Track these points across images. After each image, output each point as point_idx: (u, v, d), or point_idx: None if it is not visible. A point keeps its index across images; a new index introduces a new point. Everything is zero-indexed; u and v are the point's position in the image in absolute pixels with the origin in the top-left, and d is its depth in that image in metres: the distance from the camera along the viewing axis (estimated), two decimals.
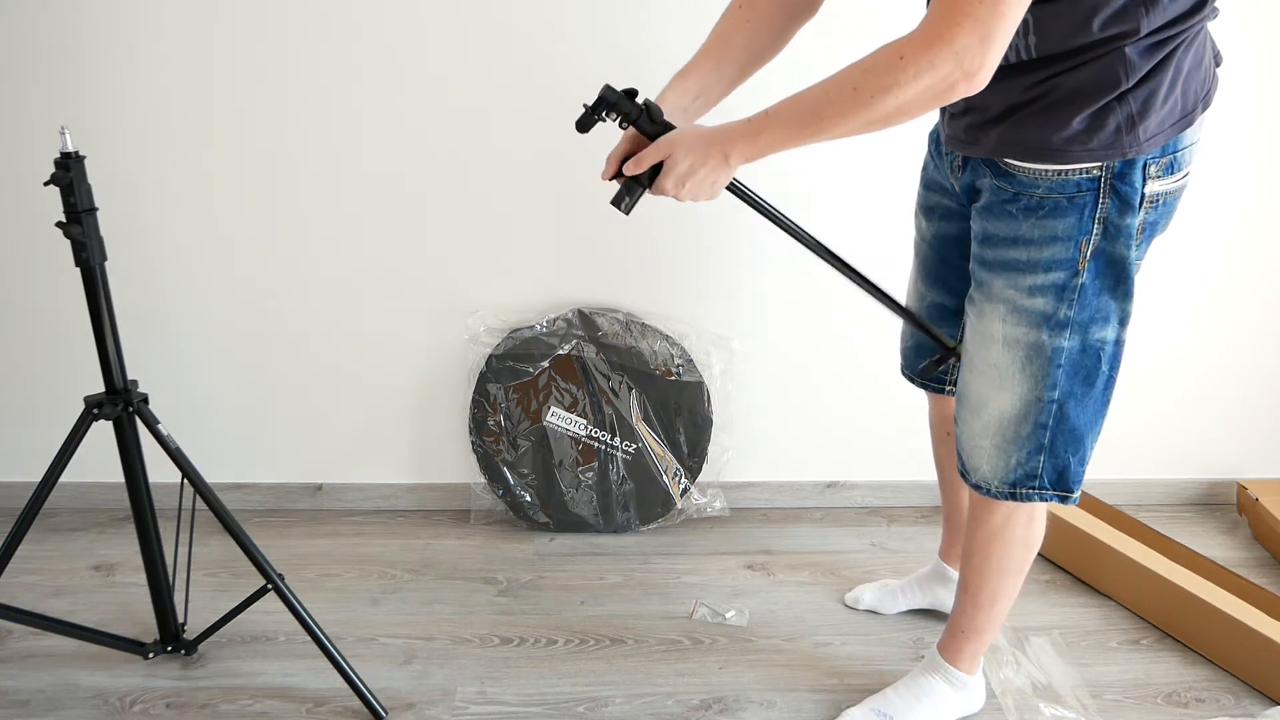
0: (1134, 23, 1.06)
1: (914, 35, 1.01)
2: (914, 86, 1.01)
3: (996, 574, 1.43)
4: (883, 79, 1.03)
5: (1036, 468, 1.29)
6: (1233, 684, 1.69)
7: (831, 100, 1.08)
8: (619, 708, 1.62)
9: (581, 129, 1.27)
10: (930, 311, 1.51)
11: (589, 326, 2.05)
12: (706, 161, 1.18)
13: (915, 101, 1.03)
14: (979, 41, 0.98)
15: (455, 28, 1.84)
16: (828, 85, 1.09)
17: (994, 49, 0.99)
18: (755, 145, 1.16)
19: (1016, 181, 1.20)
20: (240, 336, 2.06)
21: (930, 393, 1.61)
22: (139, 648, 1.61)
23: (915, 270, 1.53)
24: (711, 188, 1.21)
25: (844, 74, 1.07)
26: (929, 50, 0.99)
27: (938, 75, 1.00)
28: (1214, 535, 2.16)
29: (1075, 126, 1.12)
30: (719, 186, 1.21)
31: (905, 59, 1.01)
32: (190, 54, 1.85)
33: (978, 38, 0.97)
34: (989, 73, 1.01)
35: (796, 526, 2.19)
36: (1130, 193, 1.15)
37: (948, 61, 0.99)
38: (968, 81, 1.00)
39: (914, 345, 1.57)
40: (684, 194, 1.21)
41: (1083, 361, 1.23)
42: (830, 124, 1.09)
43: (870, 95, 1.04)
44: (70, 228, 1.32)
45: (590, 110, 1.25)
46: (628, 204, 1.26)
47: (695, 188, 1.20)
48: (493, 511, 2.18)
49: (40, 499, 1.44)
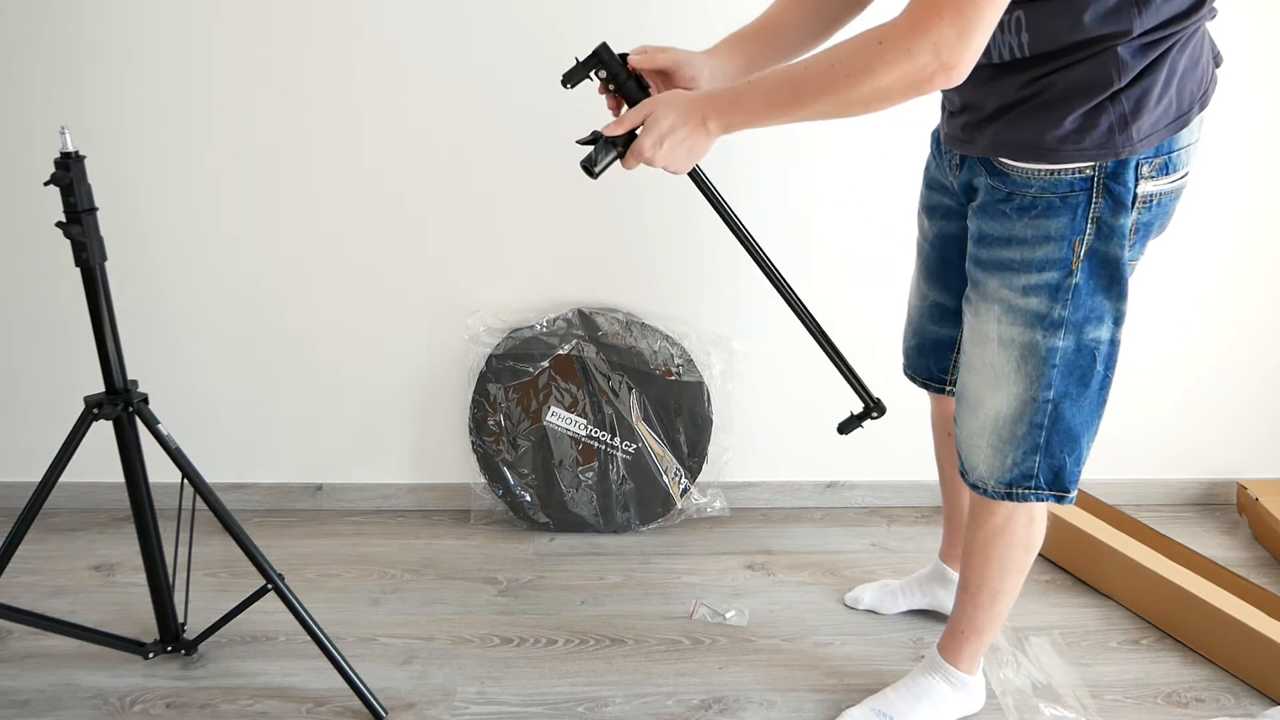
0: (1126, 23, 1.06)
1: (896, 22, 1.02)
2: (890, 73, 1.01)
3: (997, 574, 1.43)
4: (859, 62, 1.03)
5: (1032, 468, 1.29)
6: (1233, 684, 1.69)
7: (809, 77, 1.08)
8: (619, 708, 1.62)
9: (567, 83, 1.27)
10: (931, 310, 1.51)
11: (589, 326, 2.05)
12: (686, 122, 1.16)
13: (892, 88, 1.03)
14: (957, 35, 0.98)
15: (455, 28, 1.84)
16: (807, 62, 1.09)
17: (973, 43, 0.99)
18: (732, 113, 1.14)
19: (1010, 181, 1.20)
20: (240, 336, 2.06)
21: (932, 393, 1.61)
22: (139, 648, 1.61)
23: (918, 269, 1.53)
24: (688, 153, 1.19)
25: (825, 54, 1.08)
26: (907, 39, 1.00)
27: (914, 65, 1.00)
28: (1214, 535, 2.16)
29: (1068, 126, 1.12)
30: (695, 154, 1.19)
31: (884, 44, 1.01)
32: (190, 54, 1.85)
33: (956, 31, 0.98)
34: (967, 67, 1.01)
35: (796, 526, 2.19)
36: (1123, 192, 1.15)
37: (925, 52, 0.99)
38: (945, 74, 1.00)
39: (916, 345, 1.57)
40: (659, 156, 1.19)
41: (1078, 361, 1.23)
42: (807, 101, 1.08)
43: (846, 75, 1.04)
44: (70, 228, 1.32)
45: (581, 65, 1.25)
46: (601, 165, 1.22)
47: (672, 150, 1.18)
48: (493, 511, 2.18)
49: (40, 499, 1.44)
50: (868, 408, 1.51)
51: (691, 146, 1.18)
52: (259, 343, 2.07)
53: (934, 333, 1.53)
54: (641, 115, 1.19)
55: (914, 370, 1.60)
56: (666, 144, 1.18)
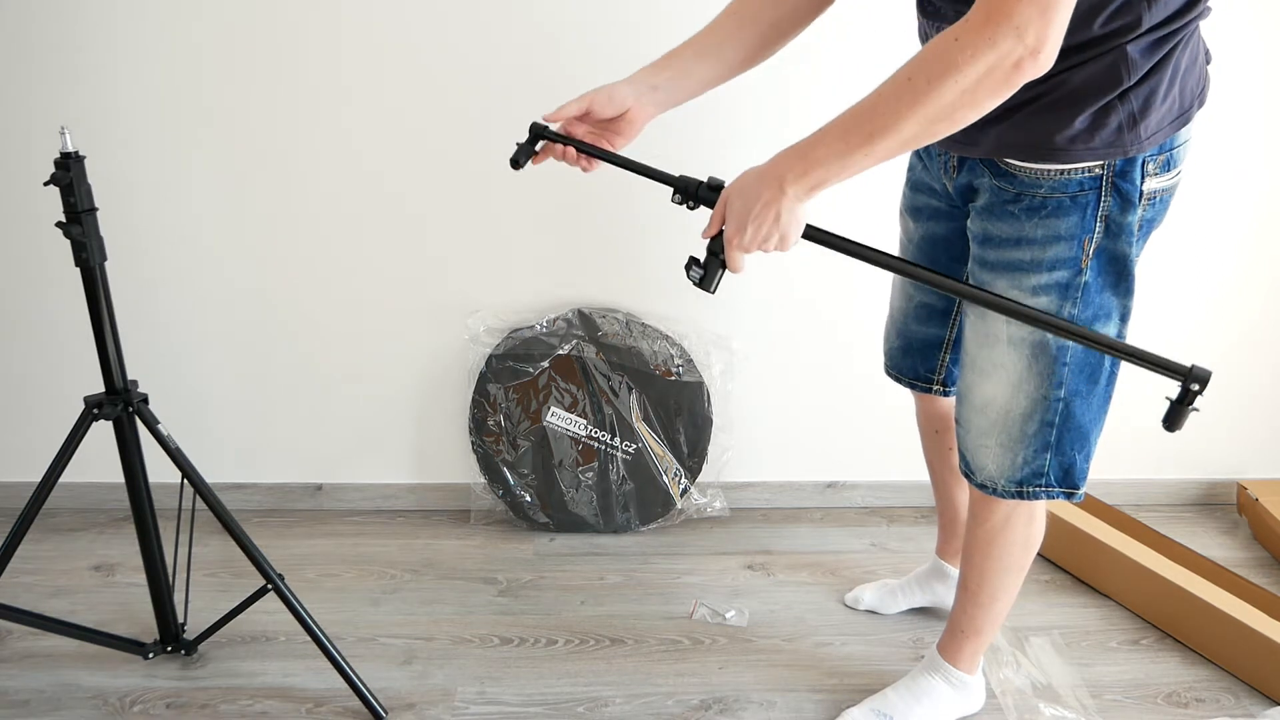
0: (1135, 16, 1.05)
1: (969, 16, 0.96)
2: (975, 68, 0.95)
3: (997, 573, 1.43)
4: (938, 64, 0.96)
5: (1043, 465, 1.29)
6: (1233, 684, 1.69)
7: (885, 98, 1.01)
8: (619, 708, 1.62)
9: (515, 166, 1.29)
10: (919, 312, 1.51)
11: (589, 326, 2.05)
12: (760, 195, 1.10)
13: (980, 86, 0.96)
14: (1039, 12, 0.92)
15: (455, 28, 1.84)
16: (880, 86, 1.02)
17: (1056, 21, 0.93)
18: (806, 163, 1.06)
19: (1018, 182, 1.20)
20: (241, 336, 2.06)
21: (917, 392, 1.61)
22: (139, 648, 1.61)
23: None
24: (778, 225, 1.11)
25: (897, 71, 1.01)
26: (986, 28, 0.93)
27: (999, 53, 0.94)
28: (1214, 535, 2.16)
29: (1078, 125, 1.12)
30: (789, 223, 1.11)
31: (961, 40, 0.95)
32: (190, 54, 1.85)
33: (1038, 9, 0.92)
34: (1053, 51, 0.95)
35: (796, 526, 2.19)
36: (1131, 190, 1.15)
37: (1008, 37, 0.93)
38: (1033, 59, 0.95)
39: (901, 346, 1.57)
40: (752, 241, 1.12)
41: (1087, 359, 1.23)
42: (889, 125, 1.00)
43: (926, 82, 0.97)
44: (70, 228, 1.32)
45: (523, 146, 1.27)
46: (713, 280, 1.17)
47: (758, 230, 1.11)
48: (493, 511, 2.18)
49: (40, 499, 1.44)
50: (1185, 381, 1.15)
51: (779, 215, 1.10)
52: (259, 342, 2.07)
53: (920, 333, 1.53)
54: (720, 210, 1.15)
55: (899, 370, 1.60)
56: (750, 228, 1.11)
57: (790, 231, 1.12)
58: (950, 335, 1.51)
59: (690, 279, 1.18)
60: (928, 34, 1.22)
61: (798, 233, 1.14)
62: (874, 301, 2.05)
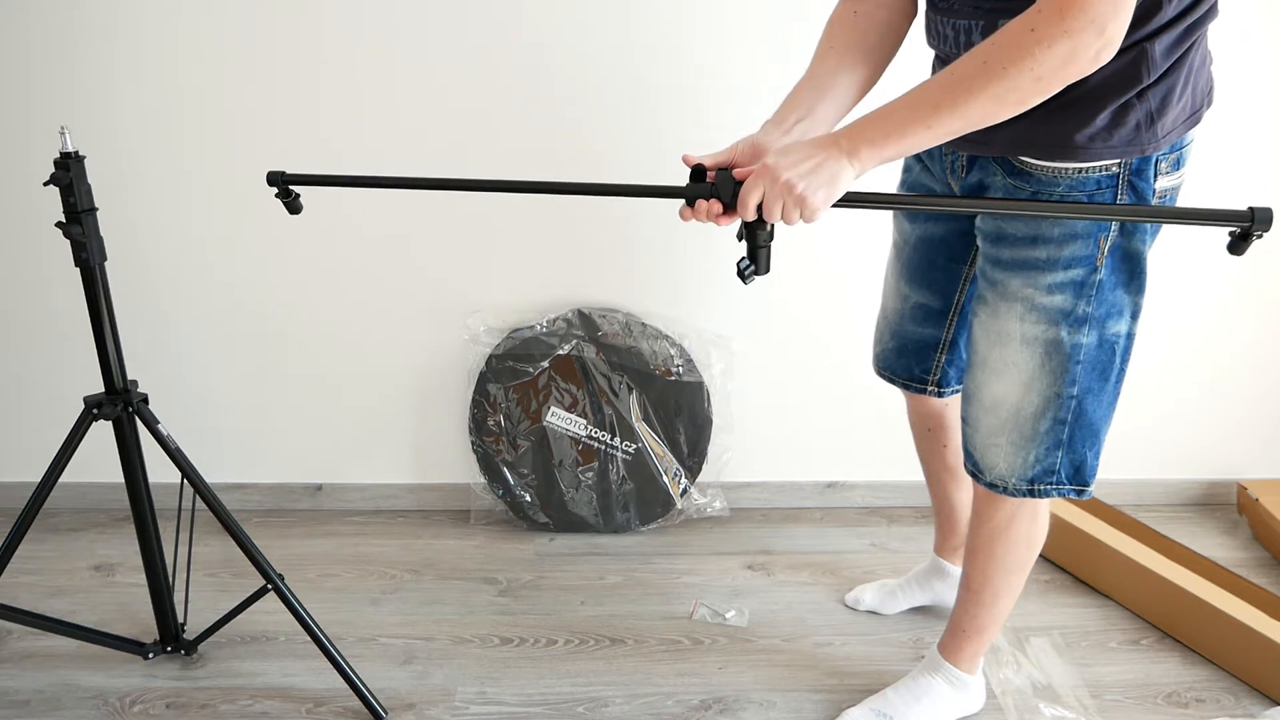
0: (1154, 11, 1.06)
1: (1041, 5, 0.99)
2: (1049, 58, 0.98)
3: (1000, 572, 1.43)
4: (1015, 51, 0.99)
5: (1055, 463, 1.29)
6: (1233, 684, 1.69)
7: (961, 77, 1.03)
8: (619, 708, 1.62)
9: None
10: (915, 312, 1.51)
11: (589, 326, 2.05)
12: (813, 155, 1.06)
13: (1053, 73, 0.99)
14: (1114, 7, 0.96)
15: (456, 27, 1.84)
16: (956, 65, 1.04)
17: (1123, 13, 0.97)
18: (871, 129, 1.06)
19: (1034, 180, 1.19)
20: (240, 336, 2.06)
21: (911, 393, 1.61)
22: (139, 648, 1.61)
23: (896, 272, 1.52)
24: (829, 184, 1.05)
25: (974, 52, 1.03)
26: (1064, 19, 0.96)
27: (1074, 44, 0.97)
28: (1214, 535, 2.16)
29: (1098, 123, 1.12)
30: (834, 186, 1.06)
31: (1037, 30, 0.98)
32: (190, 54, 1.85)
33: (1113, 3, 0.96)
34: (1119, 41, 0.99)
35: (796, 526, 2.19)
36: (1145, 188, 1.16)
37: (1086, 29, 0.96)
38: (1108, 49, 0.98)
39: (895, 347, 1.56)
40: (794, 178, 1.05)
41: (1099, 356, 1.23)
42: (960, 102, 1.02)
43: (1002, 68, 1.00)
44: (70, 228, 1.32)
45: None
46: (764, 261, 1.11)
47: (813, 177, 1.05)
48: (493, 511, 2.18)
49: (40, 499, 1.44)
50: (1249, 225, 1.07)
51: (833, 176, 1.06)
52: (259, 343, 2.07)
53: (916, 334, 1.53)
54: (755, 181, 1.08)
55: (892, 371, 1.59)
56: (805, 180, 1.05)
57: (832, 196, 1.07)
58: (947, 337, 1.51)
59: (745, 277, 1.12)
60: (937, 28, 1.22)
61: (837, 194, 1.07)
62: (874, 301, 2.05)
